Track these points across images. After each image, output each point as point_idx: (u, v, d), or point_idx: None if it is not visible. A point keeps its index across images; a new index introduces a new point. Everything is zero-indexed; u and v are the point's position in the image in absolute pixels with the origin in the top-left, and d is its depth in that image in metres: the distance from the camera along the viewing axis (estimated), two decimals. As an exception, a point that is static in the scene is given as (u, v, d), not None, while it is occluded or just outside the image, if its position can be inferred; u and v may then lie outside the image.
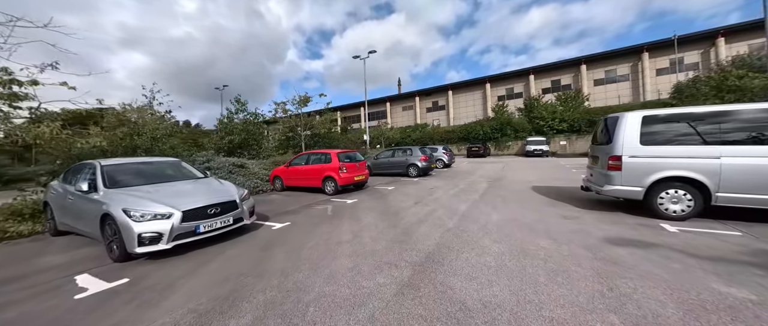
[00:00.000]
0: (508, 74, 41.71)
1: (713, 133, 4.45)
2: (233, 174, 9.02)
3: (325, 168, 8.56)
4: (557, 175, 11.39)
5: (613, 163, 5.08)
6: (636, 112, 5.08)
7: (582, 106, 28.62)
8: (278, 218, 5.92)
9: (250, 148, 12.21)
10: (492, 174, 12.77)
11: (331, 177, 8.38)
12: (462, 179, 11.30)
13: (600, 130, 6.08)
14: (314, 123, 14.44)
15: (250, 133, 12.31)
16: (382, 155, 13.71)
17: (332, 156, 8.57)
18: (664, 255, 3.35)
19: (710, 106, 4.61)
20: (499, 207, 6.17)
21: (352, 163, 8.82)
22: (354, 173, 8.70)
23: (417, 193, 8.30)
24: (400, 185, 10.29)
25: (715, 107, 4.59)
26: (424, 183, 10.41)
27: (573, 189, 7.89)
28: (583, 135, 26.69)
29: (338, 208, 6.68)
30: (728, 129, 4.38)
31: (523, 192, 7.89)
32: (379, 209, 6.40)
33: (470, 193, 7.97)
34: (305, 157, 9.27)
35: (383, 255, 3.67)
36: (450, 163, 17.19)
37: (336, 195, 8.33)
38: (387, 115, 52.55)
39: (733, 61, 23.48)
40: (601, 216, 5.08)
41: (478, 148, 26.45)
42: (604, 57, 36.69)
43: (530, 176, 11.45)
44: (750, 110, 4.33)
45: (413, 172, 12.63)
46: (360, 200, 7.59)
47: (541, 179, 10.43)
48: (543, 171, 13.23)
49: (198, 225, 3.90)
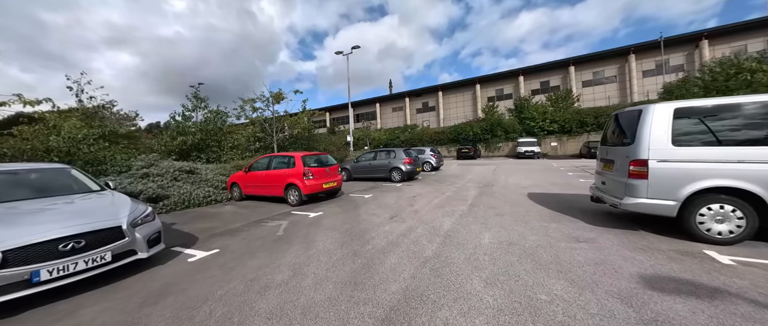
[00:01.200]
0: (498, 75, 41.28)
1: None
2: (179, 181, 7.56)
3: (287, 174, 7.22)
4: (553, 179, 10.36)
5: (636, 169, 3.96)
6: (665, 103, 3.98)
7: (573, 107, 28.11)
8: (208, 242, 4.55)
9: (210, 151, 10.72)
10: (482, 178, 11.67)
11: (295, 185, 7.04)
12: (450, 184, 10.14)
13: (611, 129, 5.00)
14: (287, 122, 12.96)
15: (210, 133, 10.78)
16: (363, 158, 12.43)
17: (296, 159, 7.24)
18: (746, 313, 2.19)
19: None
20: (491, 222, 4.98)
21: (320, 167, 7.51)
22: (322, 179, 7.39)
23: (396, 203, 7.06)
24: (380, 192, 9.03)
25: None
26: (407, 190, 9.18)
27: (575, 198, 6.80)
28: (574, 136, 26.14)
29: (294, 226, 5.35)
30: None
31: (518, 201, 6.75)
32: (344, 227, 5.12)
33: (457, 203, 6.78)
34: (266, 160, 7.89)
35: (320, 313, 2.40)
36: (438, 166, 16.06)
37: (300, 207, 6.99)
38: (377, 115, 51.51)
39: (720, 62, 23.32)
40: (622, 238, 3.94)
41: (468, 149, 25.51)
42: (592, 58, 36.73)
43: (524, 180, 10.39)
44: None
45: (396, 177, 11.40)
46: (326, 213, 6.29)
47: (537, 184, 9.37)
48: (537, 174, 12.23)
49: (37, 271, 2.53)
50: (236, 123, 13.12)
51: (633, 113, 4.29)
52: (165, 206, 6.78)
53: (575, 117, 25.90)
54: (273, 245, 4.28)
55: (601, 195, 4.75)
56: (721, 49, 30.66)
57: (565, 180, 10.17)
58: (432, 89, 46.11)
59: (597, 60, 36.52)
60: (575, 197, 6.96)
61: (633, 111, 4.34)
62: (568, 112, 27.03)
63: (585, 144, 22.69)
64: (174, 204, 6.98)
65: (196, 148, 10.37)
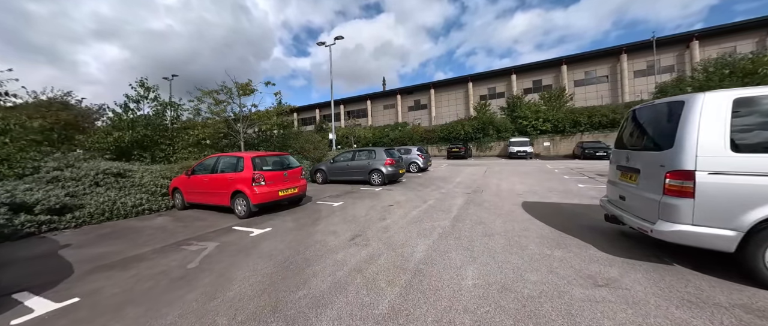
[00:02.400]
0: (490, 73, 40.54)
1: None
2: (101, 187, 6.16)
3: (234, 180, 5.91)
4: (550, 184, 9.31)
5: (676, 183, 2.84)
6: (720, 91, 2.87)
7: (566, 106, 27.38)
8: (75, 284, 3.23)
9: (158, 149, 9.28)
10: (472, 181, 10.56)
11: (242, 193, 5.74)
12: (435, 189, 8.98)
13: (630, 129, 3.90)
14: (255, 117, 11.48)
15: (158, 128, 9.29)
16: (340, 158, 11.16)
17: (245, 161, 5.93)
18: None
19: None
20: (478, 248, 3.81)
21: (276, 171, 6.21)
22: (279, 186, 6.11)
23: (366, 216, 5.85)
24: (353, 199, 7.80)
25: None
26: (385, 197, 7.98)
27: (579, 210, 5.71)
28: (567, 136, 25.39)
29: (221, 252, 4.09)
30: None
31: (512, 214, 5.61)
32: (285, 253, 3.88)
33: (439, 216, 5.61)
34: (212, 161, 6.54)
35: None
36: (425, 167, 14.91)
37: (248, 220, 5.70)
38: (368, 113, 50.31)
39: (716, 61, 22.86)
40: (656, 281, 2.81)
41: (459, 149, 24.48)
42: (585, 58, 36.35)
43: (518, 185, 9.31)
44: None
45: (376, 180, 10.18)
46: (275, 229, 5.03)
47: (532, 190, 8.29)
48: (531, 177, 11.19)
49: None
50: (208, 117, 11.62)
51: (670, 106, 3.17)
52: (75, 219, 5.40)
53: (569, 116, 25.14)
54: (169, 287, 3.01)
55: (621, 215, 3.62)
56: (711, 49, 30.53)
57: (563, 185, 9.13)
58: (424, 87, 45.12)
59: (589, 59, 36.15)
60: (579, 209, 5.87)
61: (669, 103, 3.22)
62: (561, 111, 26.27)
63: (578, 144, 21.93)
64: (89, 217, 5.60)
65: (139, 146, 8.86)
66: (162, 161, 8.87)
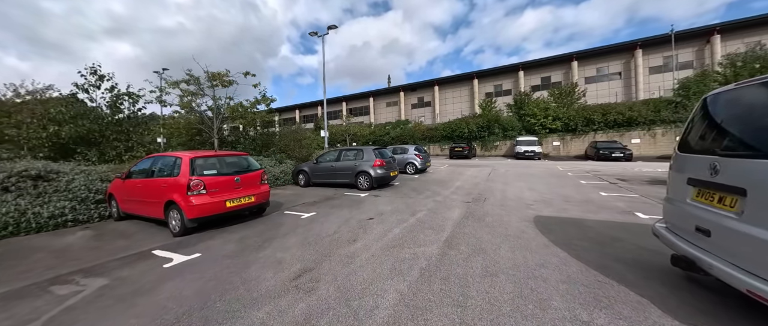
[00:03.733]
0: (496, 69, 38.87)
1: None
2: (10, 193, 4.98)
3: (168, 186, 4.68)
4: (566, 191, 7.91)
5: None
6: None
7: (578, 103, 25.68)
8: None
9: (109, 146, 8.22)
10: (473, 185, 9.20)
11: (176, 205, 4.49)
12: (429, 196, 7.65)
13: (714, 125, 2.55)
14: (228, 114, 10.19)
15: (107, 123, 8.05)
16: (325, 158, 9.88)
17: (183, 162, 4.68)
18: None
19: None
20: (473, 299, 2.51)
21: (225, 175, 4.96)
22: (227, 194, 4.85)
23: (334, 234, 4.57)
24: (329, 208, 6.53)
25: None
26: (367, 206, 6.68)
27: (613, 231, 4.33)
28: (578, 135, 23.72)
29: (92, 302, 2.84)
30: None
31: (522, 237, 4.27)
32: (185, 304, 2.61)
33: (426, 238, 4.30)
34: (149, 163, 5.32)
35: None
36: (424, 168, 13.56)
37: (178, 241, 4.46)
38: (370, 111, 49.11)
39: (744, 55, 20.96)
40: None
41: (462, 148, 23.05)
42: (597, 53, 34.50)
43: (527, 191, 7.93)
44: None
45: (364, 184, 8.88)
46: (202, 257, 3.77)
47: (545, 199, 6.91)
48: (542, 181, 9.78)
49: None
50: (176, 111, 10.31)
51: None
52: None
53: (581, 114, 23.47)
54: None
55: (703, 260, 2.26)
56: (733, 44, 28.51)
57: (581, 193, 7.72)
58: (428, 83, 43.66)
59: (601, 55, 34.30)
60: (612, 230, 4.50)
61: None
62: (573, 109, 24.60)
63: (591, 144, 20.31)
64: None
65: (83, 142, 7.68)
66: (114, 160, 7.70)
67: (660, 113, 21.09)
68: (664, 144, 21.00)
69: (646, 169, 13.13)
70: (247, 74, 10.48)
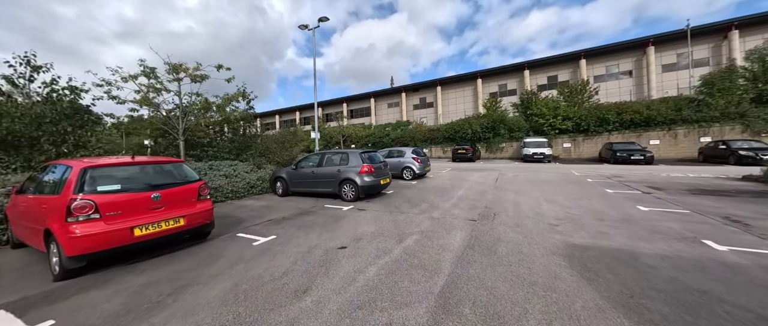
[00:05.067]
0: (500, 69, 37.42)
1: None
2: None
3: (49, 208, 3.33)
4: (595, 204, 6.42)
5: None
6: None
7: (590, 101, 24.03)
8: None
9: (39, 151, 6.53)
10: (479, 196, 7.75)
11: (54, 237, 3.14)
12: (425, 211, 6.23)
13: None
14: (195, 110, 8.80)
15: (38, 122, 6.53)
16: (306, 163, 8.51)
17: (70, 175, 3.33)
18: None
19: None
20: None
21: (135, 193, 3.58)
22: (136, 218, 3.49)
23: (284, 275, 3.18)
24: (295, 230, 5.13)
25: None
26: (346, 226, 5.28)
27: (691, 274, 2.86)
28: (591, 136, 22.03)
29: None
30: None
31: (557, 293, 2.83)
32: None
33: (413, 286, 2.88)
34: (44, 174, 3.97)
35: None
36: (423, 172, 12.13)
37: (51, 289, 3.10)
38: (371, 112, 47.99)
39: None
40: None
41: (466, 150, 21.54)
42: (606, 51, 32.93)
43: (546, 205, 6.47)
44: None
45: (348, 193, 7.49)
46: (60, 324, 2.41)
47: (572, 216, 5.44)
48: (560, 190, 8.29)
49: None
50: (132, 109, 8.86)
51: None
52: None
53: (593, 113, 21.81)
54: None
55: None
56: (753, 40, 26.82)
57: (614, 206, 6.23)
58: (430, 84, 42.36)
59: (611, 53, 32.74)
60: (692, 274, 3.03)
61: None
62: (584, 108, 22.96)
63: (606, 146, 18.68)
64: None
65: (3, 145, 6.34)
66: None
67: (681, 112, 19.39)
68: (686, 145, 19.28)
69: (676, 175, 11.55)
70: (219, 67, 9.15)
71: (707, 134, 18.67)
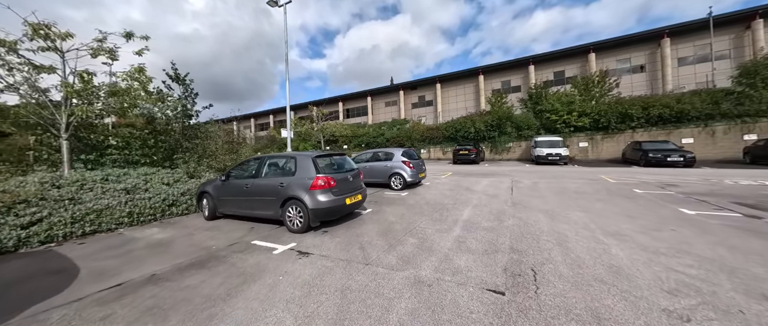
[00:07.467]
0: (504, 64, 34.90)
1: None
2: None
3: None
4: (693, 241, 3.78)
5: None
6: None
7: (610, 95, 21.34)
8: None
9: None
10: (496, 222, 5.10)
11: None
12: (408, 263, 3.59)
13: None
14: (73, 94, 5.80)
15: None
16: (240, 171, 5.86)
17: None
18: None
19: None
20: None
21: None
22: None
23: None
24: (137, 315, 2.51)
25: None
26: (249, 299, 2.64)
27: None
28: (611, 134, 19.32)
29: None
30: None
31: None
32: None
33: None
34: None
35: None
36: (416, 180, 9.48)
37: None
38: (368, 110, 45.60)
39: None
40: None
41: (469, 151, 18.90)
42: (617, 44, 30.45)
43: (616, 245, 3.81)
44: None
45: (295, 220, 4.83)
46: None
47: (684, 276, 2.80)
48: (612, 209, 5.65)
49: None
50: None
51: None
52: None
53: (615, 108, 19.11)
54: None
55: None
56: (780, 29, 24.21)
57: (724, 241, 3.58)
58: (429, 81, 39.85)
59: (623, 46, 30.26)
60: None
61: None
62: (604, 103, 20.28)
63: (633, 145, 16.00)
64: None
65: None
66: None
67: (719, 106, 16.70)
68: (726, 144, 16.58)
69: (747, 182, 8.88)
70: (128, 36, 6.35)
71: (752, 131, 15.97)
